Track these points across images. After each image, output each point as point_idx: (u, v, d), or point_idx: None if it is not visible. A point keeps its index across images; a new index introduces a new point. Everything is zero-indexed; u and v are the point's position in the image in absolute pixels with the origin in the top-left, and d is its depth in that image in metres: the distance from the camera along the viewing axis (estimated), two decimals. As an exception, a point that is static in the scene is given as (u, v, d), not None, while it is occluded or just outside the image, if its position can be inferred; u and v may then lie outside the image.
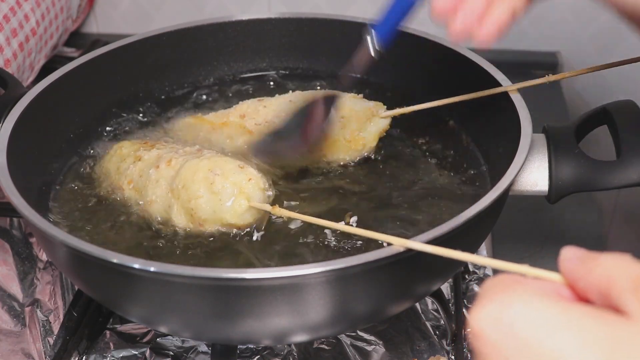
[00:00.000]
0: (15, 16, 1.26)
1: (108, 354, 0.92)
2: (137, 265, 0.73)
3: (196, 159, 0.90)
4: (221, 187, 0.86)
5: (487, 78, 1.00)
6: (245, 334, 0.79)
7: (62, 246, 0.78)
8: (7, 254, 1.08)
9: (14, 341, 0.96)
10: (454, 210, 0.93)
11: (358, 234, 0.80)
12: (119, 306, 0.84)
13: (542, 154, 0.90)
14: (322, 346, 0.92)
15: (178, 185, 0.89)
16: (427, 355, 0.91)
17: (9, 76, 1.04)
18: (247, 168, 0.88)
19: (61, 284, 1.02)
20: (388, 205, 0.95)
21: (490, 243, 1.07)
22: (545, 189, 0.90)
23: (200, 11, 1.58)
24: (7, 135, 0.92)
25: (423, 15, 1.56)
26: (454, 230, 0.75)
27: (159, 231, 0.92)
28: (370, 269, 0.73)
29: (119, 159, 0.99)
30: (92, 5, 1.60)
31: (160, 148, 0.97)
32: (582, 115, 0.94)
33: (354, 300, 0.76)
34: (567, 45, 1.51)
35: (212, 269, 0.80)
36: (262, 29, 1.22)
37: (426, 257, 0.77)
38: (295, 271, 0.71)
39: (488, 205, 0.79)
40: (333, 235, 0.88)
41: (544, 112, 1.39)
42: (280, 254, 0.87)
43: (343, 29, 1.19)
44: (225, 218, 0.87)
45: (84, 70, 1.08)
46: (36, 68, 1.37)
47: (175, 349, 0.92)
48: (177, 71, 1.20)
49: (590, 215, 1.16)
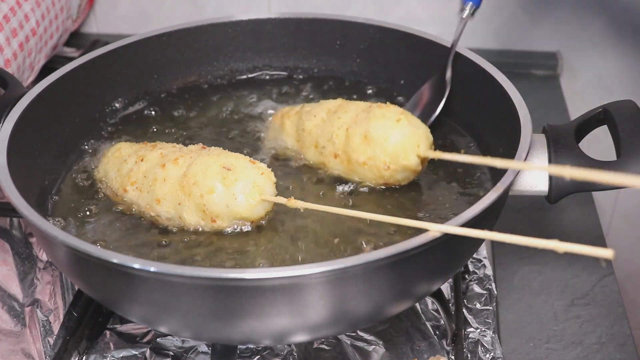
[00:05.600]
0: (15, 16, 1.26)
1: (108, 354, 0.92)
2: (137, 265, 0.73)
3: (206, 156, 0.91)
4: (234, 182, 0.87)
5: (488, 78, 1.00)
6: (245, 334, 0.79)
7: (62, 246, 0.78)
8: (7, 254, 1.08)
9: (14, 341, 0.96)
10: (454, 211, 0.93)
11: (384, 221, 0.81)
12: (119, 306, 0.84)
13: (542, 154, 0.90)
14: (322, 346, 0.92)
15: (189, 181, 0.90)
16: (427, 355, 0.91)
17: (9, 76, 1.04)
18: (258, 163, 0.90)
19: (61, 284, 1.02)
20: (387, 205, 0.95)
21: (490, 243, 1.08)
22: (545, 189, 0.90)
23: (200, 11, 1.58)
24: (7, 135, 0.92)
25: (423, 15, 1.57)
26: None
27: (165, 230, 0.92)
28: (370, 269, 0.74)
29: (119, 161, 0.99)
30: (92, 5, 1.60)
31: (163, 148, 0.98)
32: (582, 115, 0.94)
33: (354, 300, 0.77)
34: (567, 45, 1.51)
35: (212, 269, 0.80)
36: (262, 29, 1.22)
37: (426, 256, 0.77)
38: (295, 271, 0.72)
39: (488, 205, 0.79)
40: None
41: (544, 112, 1.39)
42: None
43: (343, 29, 1.20)
44: (239, 212, 0.88)
45: (84, 70, 1.08)
46: (36, 68, 1.37)
47: (175, 349, 0.92)
48: (177, 71, 1.21)
49: (590, 215, 1.16)
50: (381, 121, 0.94)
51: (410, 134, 0.93)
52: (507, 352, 0.94)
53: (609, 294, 1.02)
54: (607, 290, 1.03)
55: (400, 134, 0.93)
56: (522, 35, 1.51)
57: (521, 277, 1.05)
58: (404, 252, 0.73)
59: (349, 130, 0.97)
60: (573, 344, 0.95)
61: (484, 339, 0.93)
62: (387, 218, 0.80)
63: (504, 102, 0.96)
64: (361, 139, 0.95)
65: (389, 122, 0.93)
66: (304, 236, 0.90)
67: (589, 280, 1.04)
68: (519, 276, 1.05)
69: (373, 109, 0.96)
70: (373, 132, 0.94)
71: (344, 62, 1.19)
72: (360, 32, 1.19)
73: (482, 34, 1.52)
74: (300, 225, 0.92)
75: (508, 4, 1.48)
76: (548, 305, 1.00)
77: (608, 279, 1.04)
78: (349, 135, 0.96)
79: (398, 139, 0.93)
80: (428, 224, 0.75)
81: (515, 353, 0.94)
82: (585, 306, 1.00)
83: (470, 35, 1.52)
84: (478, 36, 1.52)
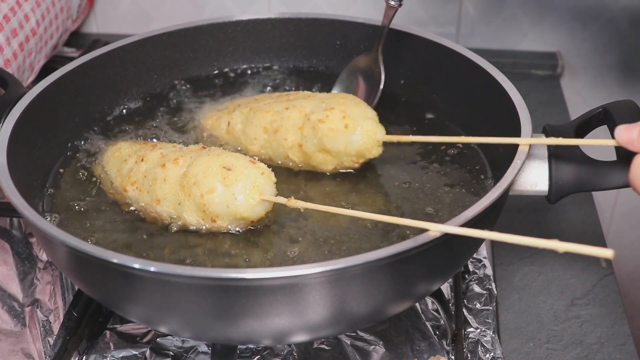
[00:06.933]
0: (15, 16, 1.26)
1: (108, 354, 0.92)
2: (137, 265, 0.73)
3: (206, 156, 0.91)
4: (234, 182, 0.87)
5: (488, 78, 1.00)
6: (245, 334, 0.79)
7: (62, 246, 0.78)
8: (7, 254, 1.08)
9: (14, 341, 0.96)
10: (454, 211, 0.93)
11: (384, 221, 0.81)
12: (119, 306, 0.84)
13: (542, 154, 0.90)
14: (322, 346, 0.92)
15: (189, 181, 0.90)
16: (427, 355, 0.91)
17: (9, 76, 1.04)
18: (258, 163, 0.91)
19: (61, 284, 1.02)
20: (388, 207, 0.95)
21: (490, 243, 1.08)
22: (545, 189, 0.90)
23: (200, 11, 1.58)
24: (7, 135, 0.92)
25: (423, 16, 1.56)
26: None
27: (165, 229, 0.92)
28: (370, 268, 0.74)
29: (119, 161, 0.99)
30: (92, 5, 1.60)
31: (163, 148, 0.98)
32: (582, 115, 0.94)
33: (354, 300, 0.77)
34: (567, 45, 1.51)
35: (212, 269, 0.80)
36: (262, 29, 1.22)
37: (426, 256, 0.77)
38: (295, 271, 0.71)
39: (488, 205, 0.79)
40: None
41: (544, 112, 1.39)
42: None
43: (343, 29, 1.20)
44: (238, 212, 0.88)
45: (84, 70, 1.08)
46: (36, 68, 1.37)
47: (175, 349, 0.92)
48: (177, 71, 1.21)
49: (590, 215, 1.16)
50: (332, 135, 0.96)
51: (366, 131, 0.96)
52: (507, 352, 0.94)
53: (609, 294, 1.02)
54: (607, 290, 1.03)
55: (356, 137, 0.96)
56: (522, 35, 1.51)
57: (521, 277, 1.05)
58: (404, 252, 0.73)
59: (304, 148, 0.99)
60: (573, 344, 0.95)
61: (484, 339, 0.93)
62: (387, 218, 0.80)
63: (504, 102, 0.96)
64: (322, 153, 0.98)
65: (340, 133, 0.96)
66: (304, 236, 0.90)
67: (589, 280, 1.04)
68: (519, 276, 1.05)
69: (315, 124, 0.97)
70: (331, 148, 0.97)
71: (344, 62, 1.18)
72: (360, 32, 1.19)
73: (482, 34, 1.52)
74: (300, 225, 0.92)
75: (508, 4, 1.48)
76: (548, 305, 1.00)
77: (608, 279, 1.04)
78: (305, 152, 1.00)
79: (357, 141, 0.96)
80: (428, 224, 0.75)
81: (515, 353, 0.94)
82: (585, 306, 1.00)
83: (470, 35, 1.52)
84: (478, 36, 1.52)
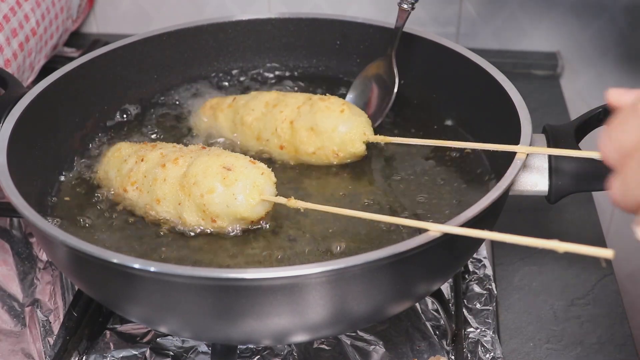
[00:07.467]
0: (15, 16, 1.26)
1: (108, 354, 0.92)
2: (137, 265, 0.73)
3: (206, 156, 0.91)
4: (234, 182, 0.88)
5: (488, 78, 1.00)
6: (245, 334, 0.79)
7: (62, 246, 0.78)
8: (7, 254, 1.08)
9: (14, 341, 0.96)
10: (454, 211, 0.93)
11: (384, 221, 0.81)
12: (119, 306, 0.84)
13: (542, 154, 0.90)
14: (322, 346, 0.92)
15: (189, 181, 0.90)
16: (427, 355, 0.91)
17: (9, 76, 1.04)
18: (258, 163, 0.91)
19: (61, 284, 1.02)
20: (388, 206, 0.95)
21: (490, 243, 1.08)
22: (545, 189, 0.90)
23: (200, 11, 1.58)
24: (7, 135, 0.92)
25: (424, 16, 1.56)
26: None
27: (165, 229, 0.92)
28: (370, 269, 0.73)
29: (119, 161, 0.99)
30: (92, 5, 1.60)
31: (163, 148, 0.98)
32: (582, 115, 0.94)
33: (354, 300, 0.77)
34: (567, 45, 1.51)
35: (212, 269, 0.80)
36: (262, 29, 1.22)
37: (426, 256, 0.77)
38: (295, 271, 0.71)
39: (488, 205, 0.79)
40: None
41: (544, 112, 1.39)
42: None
43: (343, 29, 1.20)
44: (238, 212, 0.88)
45: (84, 70, 1.08)
46: (36, 68, 1.37)
47: (175, 349, 0.92)
48: (177, 71, 1.21)
49: (590, 215, 1.16)
50: (326, 113, 0.99)
51: (356, 123, 0.99)
52: (507, 352, 0.94)
53: (609, 294, 1.02)
54: (607, 290, 1.03)
55: (346, 125, 0.99)
56: (522, 35, 1.51)
57: (521, 277, 1.05)
58: (404, 252, 0.73)
59: (294, 124, 1.01)
60: (573, 344, 0.95)
61: (484, 339, 0.93)
62: (387, 218, 0.80)
63: (504, 102, 0.96)
64: (308, 131, 1.00)
65: (334, 114, 0.99)
66: (303, 235, 0.90)
67: (589, 280, 1.04)
68: (519, 276, 1.05)
69: (315, 101, 1.01)
70: (320, 125, 0.99)
71: (344, 62, 1.19)
72: (360, 32, 1.19)
73: (482, 34, 1.52)
74: (299, 224, 0.92)
75: (508, 4, 1.48)
76: (548, 305, 1.00)
77: (608, 279, 1.04)
78: (294, 128, 1.01)
79: (345, 129, 0.99)
80: (428, 224, 0.75)
81: (515, 353, 0.94)
82: (585, 306, 1.00)
83: (470, 35, 1.52)
84: (478, 36, 1.52)
